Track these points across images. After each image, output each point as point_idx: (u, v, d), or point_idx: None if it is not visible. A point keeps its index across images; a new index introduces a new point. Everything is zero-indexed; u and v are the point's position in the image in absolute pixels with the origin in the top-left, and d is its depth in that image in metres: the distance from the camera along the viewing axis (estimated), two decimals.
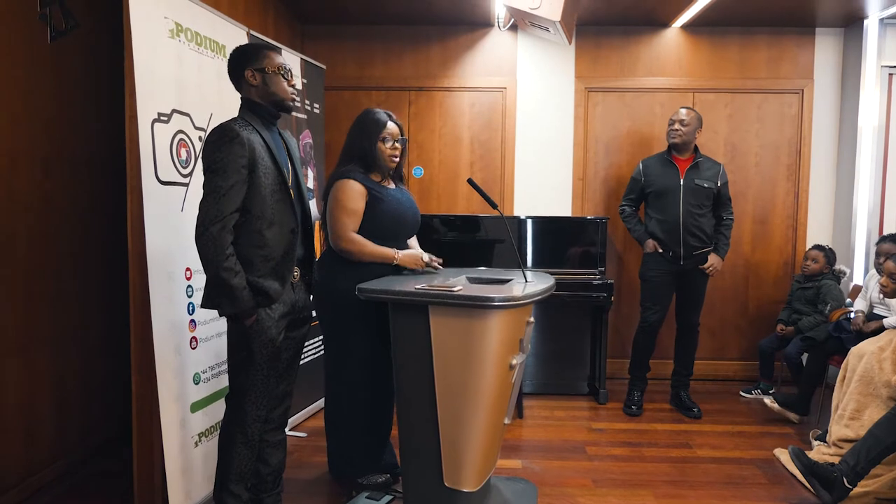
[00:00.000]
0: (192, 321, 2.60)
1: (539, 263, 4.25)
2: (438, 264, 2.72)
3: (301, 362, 3.53)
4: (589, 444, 3.44)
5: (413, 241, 2.91)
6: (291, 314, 2.29)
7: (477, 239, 4.34)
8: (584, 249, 4.29)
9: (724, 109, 4.49)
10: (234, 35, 3.01)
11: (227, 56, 2.74)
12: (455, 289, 2.28)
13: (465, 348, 2.29)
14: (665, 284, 3.86)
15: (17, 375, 2.64)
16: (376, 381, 2.70)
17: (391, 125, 2.70)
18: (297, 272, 2.30)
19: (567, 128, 4.55)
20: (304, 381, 3.56)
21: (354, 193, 2.56)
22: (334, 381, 2.75)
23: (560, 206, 4.59)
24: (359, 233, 2.60)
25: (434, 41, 4.57)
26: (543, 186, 4.58)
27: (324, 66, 4.08)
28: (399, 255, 2.59)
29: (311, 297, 2.47)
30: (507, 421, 2.57)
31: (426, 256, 2.64)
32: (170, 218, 2.48)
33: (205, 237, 2.04)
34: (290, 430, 3.52)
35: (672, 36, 4.49)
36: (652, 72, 4.49)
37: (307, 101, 3.82)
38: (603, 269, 4.25)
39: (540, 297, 2.38)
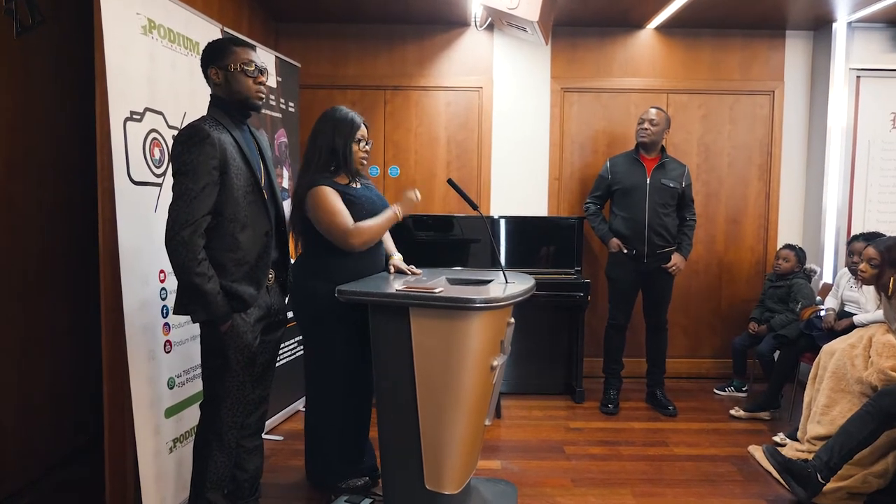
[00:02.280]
0: (166, 324, 2.54)
1: (515, 263, 4.26)
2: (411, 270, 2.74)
3: (277, 365, 3.50)
4: (567, 443, 3.45)
5: (388, 240, 2.88)
6: (267, 318, 2.24)
7: (453, 239, 4.33)
8: (561, 249, 4.31)
9: (698, 110, 4.55)
10: (208, 32, 2.94)
11: (199, 52, 2.71)
12: (436, 290, 2.26)
13: (447, 350, 2.28)
14: (630, 283, 3.91)
15: None
16: (356, 384, 2.67)
17: (363, 126, 2.66)
18: (271, 275, 2.26)
19: (543, 128, 4.56)
20: (281, 383, 3.51)
21: (333, 196, 2.50)
22: (314, 384, 2.71)
23: (536, 205, 4.60)
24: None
25: (410, 40, 4.54)
26: (520, 186, 4.59)
27: (298, 65, 4.03)
28: (398, 210, 2.60)
29: (287, 300, 2.43)
30: (487, 422, 2.57)
31: (403, 265, 2.63)
32: (143, 219, 2.42)
33: (175, 241, 1.97)
34: (266, 433, 3.46)
35: (646, 37, 4.53)
36: (627, 73, 4.53)
37: (282, 100, 3.76)
38: (579, 268, 4.27)
39: (521, 297, 2.38)
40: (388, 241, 2.89)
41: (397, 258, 2.80)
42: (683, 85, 4.53)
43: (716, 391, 4.33)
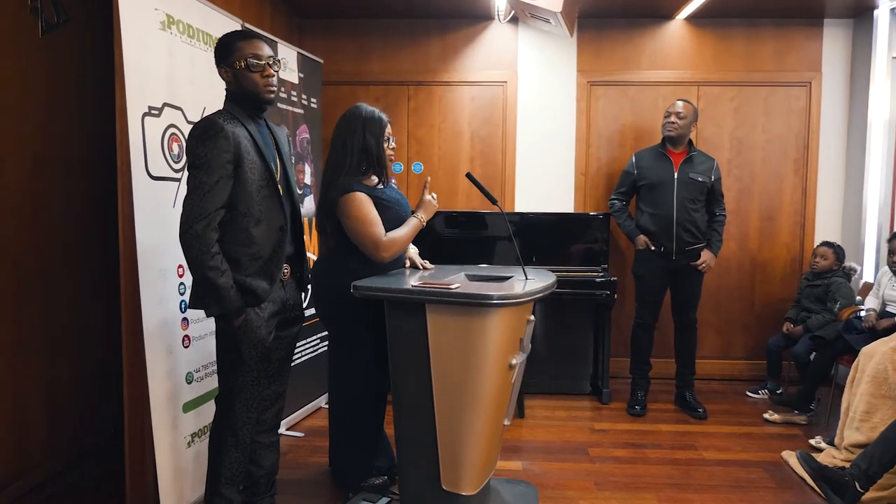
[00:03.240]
0: (185, 319, 2.54)
1: (541, 260, 4.18)
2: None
3: (298, 361, 3.50)
4: (591, 445, 3.37)
5: None
6: (282, 313, 2.22)
7: (478, 235, 4.27)
8: (587, 246, 4.22)
9: (730, 103, 4.40)
10: (228, 27, 2.93)
11: None
12: (453, 286, 2.21)
13: (464, 348, 2.22)
14: (658, 281, 3.80)
15: (6, 376, 2.59)
16: (380, 382, 2.63)
17: (388, 125, 2.63)
18: (287, 270, 2.23)
19: (569, 122, 4.47)
20: (303, 379, 3.50)
21: (368, 203, 2.47)
22: (338, 382, 2.69)
23: (562, 201, 4.51)
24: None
25: (433, 35, 4.49)
26: (545, 182, 4.51)
27: (321, 61, 4.01)
28: (421, 217, 2.59)
29: (307, 296, 2.41)
30: (506, 422, 2.51)
31: (419, 259, 2.59)
32: (161, 214, 2.41)
33: (189, 235, 1.96)
34: (287, 429, 3.46)
35: (676, 28, 4.40)
36: (655, 65, 4.41)
37: (304, 96, 3.75)
38: (606, 265, 4.17)
39: (540, 295, 2.31)
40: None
41: (413, 251, 2.76)
42: (715, 77, 4.39)
43: (748, 394, 4.19)
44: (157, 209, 2.40)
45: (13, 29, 2.59)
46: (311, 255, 3.25)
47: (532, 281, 2.44)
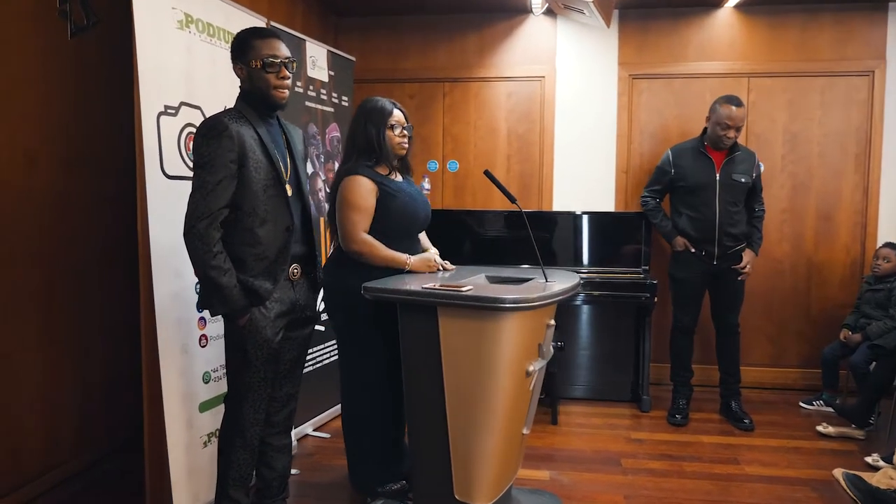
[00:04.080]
0: (202, 319, 2.54)
1: (578, 261, 4.04)
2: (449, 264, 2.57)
3: (326, 361, 3.48)
4: (625, 455, 3.21)
5: (423, 237, 2.76)
6: (291, 314, 2.18)
7: (516, 236, 4.13)
8: (628, 246, 4.04)
9: (783, 95, 4.13)
10: (250, 25, 2.92)
11: None
12: (464, 289, 2.12)
13: (477, 353, 2.13)
14: (697, 284, 3.61)
15: (37, 372, 2.65)
16: (392, 386, 2.57)
17: (397, 112, 2.57)
18: (297, 270, 2.19)
19: (610, 118, 4.29)
20: (330, 380, 3.47)
21: (364, 190, 2.43)
22: (349, 386, 2.64)
23: (602, 200, 4.34)
24: (370, 230, 2.46)
25: (469, 30, 4.40)
26: (584, 180, 4.35)
27: (353, 58, 3.98)
28: (411, 260, 2.44)
29: (319, 296, 2.36)
30: (525, 431, 2.40)
31: (439, 259, 2.47)
32: (177, 213, 2.38)
33: (191, 234, 1.95)
34: (314, 430, 3.44)
35: (725, 17, 4.16)
36: (703, 56, 4.18)
37: (334, 94, 3.72)
38: (647, 267, 3.98)
39: (558, 298, 2.19)
40: (424, 238, 2.77)
41: (432, 252, 2.67)
42: (767, 68, 4.13)
43: (802, 405, 3.92)
44: (173, 208, 2.38)
45: (42, 32, 2.65)
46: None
47: (551, 284, 2.32)
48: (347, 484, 2.85)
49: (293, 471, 2.97)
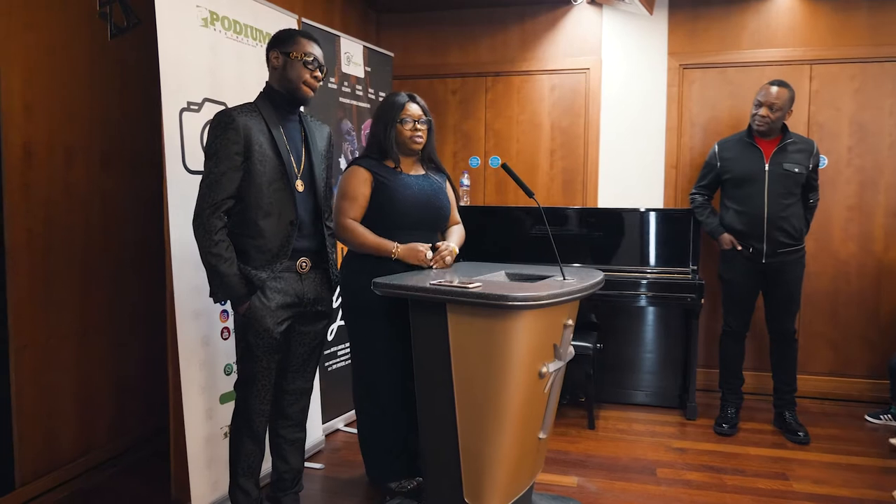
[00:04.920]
0: (224, 311, 2.58)
1: (623, 260, 3.87)
2: (447, 259, 2.46)
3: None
4: (662, 465, 3.04)
5: (453, 234, 2.68)
6: (298, 307, 2.17)
7: (563, 233, 3.99)
8: (674, 245, 3.84)
9: (850, 83, 3.82)
10: (283, 23, 2.96)
11: None
12: (472, 286, 2.05)
13: (486, 351, 2.06)
14: (747, 285, 3.37)
15: (74, 360, 2.76)
16: (406, 382, 2.53)
17: (412, 106, 2.53)
18: (305, 263, 2.18)
19: (658, 110, 4.10)
20: None
21: (356, 180, 2.45)
22: (360, 383, 2.62)
23: (650, 196, 4.15)
24: (370, 222, 2.45)
25: (512, 23, 4.30)
26: (631, 175, 4.17)
27: (391, 54, 3.96)
28: (399, 248, 2.37)
29: (332, 291, 2.34)
30: (542, 435, 2.30)
31: (430, 253, 2.35)
32: None
33: (196, 222, 2.01)
34: (345, 425, 3.45)
35: (784, 1, 3.88)
36: (760, 43, 3.92)
37: (370, 90, 3.72)
38: (696, 267, 3.77)
39: (569, 297, 2.09)
40: (453, 234, 2.68)
41: (445, 245, 2.56)
42: (832, 53, 3.83)
43: (867, 418, 3.62)
44: (194, 202, 2.43)
45: (83, 33, 2.75)
46: None
47: (568, 282, 2.21)
48: (366, 480, 2.83)
49: (317, 465, 3.00)
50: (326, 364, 3.33)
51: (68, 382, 2.74)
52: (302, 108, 2.27)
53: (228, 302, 2.18)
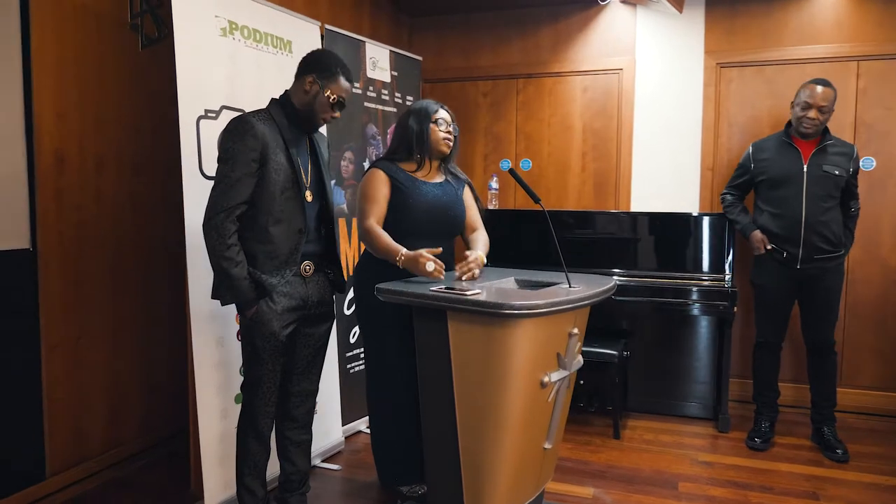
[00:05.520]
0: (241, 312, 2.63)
1: (653, 265, 3.76)
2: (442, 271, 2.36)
3: None
4: (686, 478, 2.94)
5: (477, 240, 2.61)
6: (302, 309, 2.21)
7: (592, 237, 3.91)
8: (708, 251, 3.71)
9: None
10: (303, 29, 3.01)
11: (292, 50, 2.83)
12: (469, 293, 2.03)
13: (486, 360, 2.04)
14: (781, 292, 3.22)
15: (105, 358, 2.89)
16: (416, 387, 2.53)
17: (444, 112, 2.53)
18: (309, 267, 2.22)
19: (695, 111, 3.96)
20: None
21: (377, 182, 2.45)
22: (373, 387, 2.63)
23: (685, 200, 4.02)
24: (387, 226, 2.45)
25: (544, 24, 4.25)
26: (666, 178, 4.05)
27: (419, 58, 3.98)
28: (403, 255, 2.32)
29: (334, 293, 2.37)
30: (547, 445, 2.26)
31: (430, 266, 2.24)
32: None
33: (208, 226, 2.05)
34: (367, 427, 3.48)
35: None
36: (802, 39, 3.74)
37: (397, 94, 3.74)
38: (730, 274, 3.63)
39: (570, 306, 2.04)
40: (477, 241, 2.64)
41: (473, 254, 2.53)
42: (881, 49, 3.61)
43: None
44: None
45: (114, 44, 2.87)
46: None
47: (574, 290, 2.17)
48: (379, 483, 2.84)
49: (334, 466, 3.03)
50: (348, 366, 3.37)
51: (98, 380, 2.86)
52: None
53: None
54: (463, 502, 2.16)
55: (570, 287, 2.21)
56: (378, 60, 3.58)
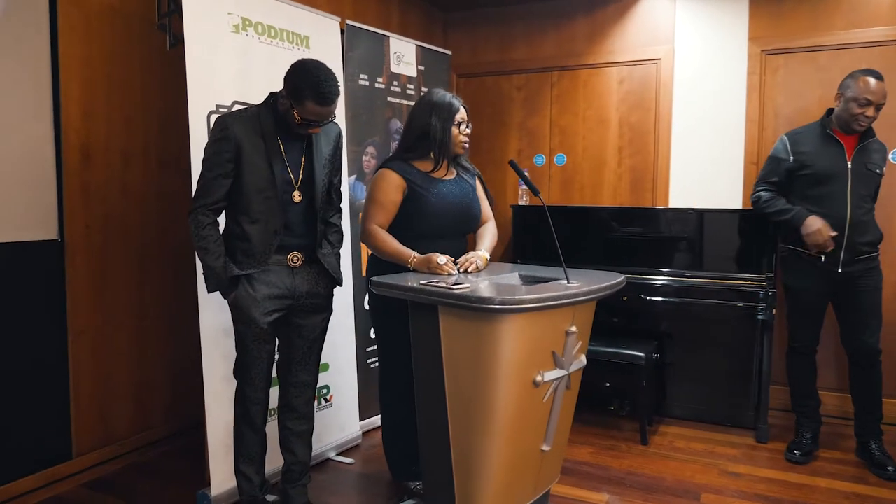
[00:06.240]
0: None
1: (688, 264, 3.58)
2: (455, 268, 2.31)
3: None
4: (710, 490, 2.78)
5: (484, 237, 2.57)
6: (289, 299, 2.23)
7: (624, 235, 3.76)
8: (747, 250, 3.51)
9: None
10: (322, 25, 3.03)
11: (310, 46, 2.86)
12: (456, 287, 1.98)
13: (475, 357, 1.98)
14: (818, 296, 3.00)
15: (131, 348, 3.01)
16: None
17: (463, 110, 2.47)
18: (297, 258, 2.24)
19: (738, 101, 3.75)
20: None
21: (389, 186, 2.38)
22: (385, 384, 2.62)
23: (727, 195, 3.81)
24: (400, 228, 2.41)
25: (579, 14, 4.12)
26: (706, 173, 3.86)
27: (448, 52, 3.94)
28: (415, 259, 2.29)
29: (331, 285, 2.37)
30: (545, 448, 2.18)
31: (442, 258, 2.24)
32: None
33: (189, 218, 2.13)
34: None
35: None
36: (856, 23, 3.47)
37: (423, 89, 3.71)
38: (771, 274, 3.40)
39: (563, 302, 1.96)
40: (483, 238, 2.60)
41: (475, 253, 2.48)
42: None
43: None
44: None
45: (142, 44, 2.98)
46: None
47: (572, 286, 2.08)
48: (389, 478, 2.83)
49: (347, 460, 3.04)
50: (368, 361, 3.38)
51: (124, 367, 2.98)
52: None
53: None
54: (454, 498, 2.11)
55: (567, 283, 2.12)
56: (403, 55, 3.57)
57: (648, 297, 3.50)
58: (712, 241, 3.59)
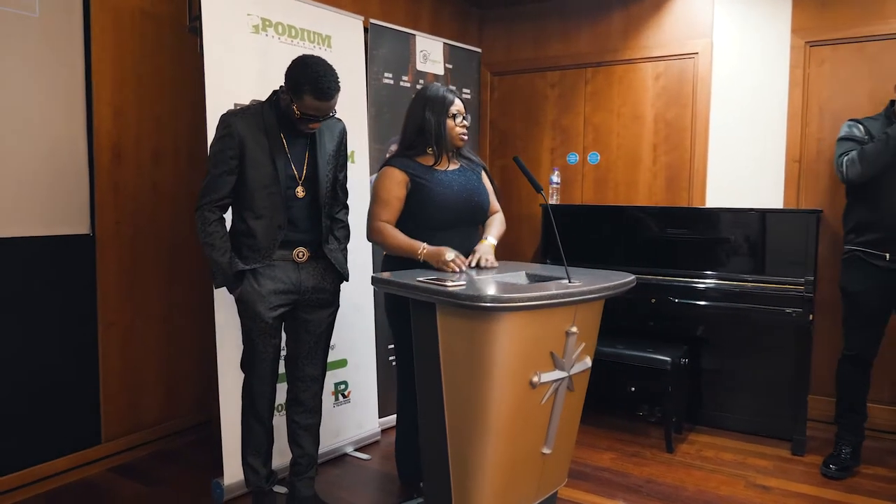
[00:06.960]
0: None
1: (723, 266, 3.42)
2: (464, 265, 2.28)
3: None
4: (732, 502, 2.65)
5: (492, 227, 2.54)
6: (294, 293, 2.26)
7: (657, 235, 3.64)
8: (787, 252, 3.32)
9: None
10: (344, 24, 3.07)
11: (332, 45, 2.89)
12: (448, 284, 1.96)
13: (470, 356, 1.96)
14: (879, 301, 2.80)
15: (160, 340, 3.12)
16: None
17: (458, 102, 2.47)
18: (302, 253, 2.26)
19: (779, 96, 3.56)
20: None
21: (392, 183, 2.39)
22: (400, 384, 2.62)
23: (768, 195, 3.63)
24: (407, 222, 2.41)
25: (615, 9, 4.02)
26: (745, 171, 3.69)
27: (478, 50, 3.91)
28: (425, 250, 2.29)
29: (338, 281, 2.39)
30: (546, 451, 2.13)
31: (451, 254, 2.23)
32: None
33: (196, 215, 2.17)
34: None
35: None
36: None
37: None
38: (812, 278, 3.22)
39: (556, 301, 1.91)
40: (492, 227, 2.57)
41: (481, 247, 2.45)
42: None
43: None
44: None
45: (173, 47, 3.08)
46: None
47: (572, 286, 2.02)
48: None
49: (364, 456, 3.06)
50: (391, 358, 3.39)
51: (152, 358, 3.10)
52: None
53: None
54: (451, 498, 2.09)
55: (569, 282, 2.06)
56: (430, 53, 3.56)
57: (677, 300, 3.37)
58: (751, 243, 3.42)
